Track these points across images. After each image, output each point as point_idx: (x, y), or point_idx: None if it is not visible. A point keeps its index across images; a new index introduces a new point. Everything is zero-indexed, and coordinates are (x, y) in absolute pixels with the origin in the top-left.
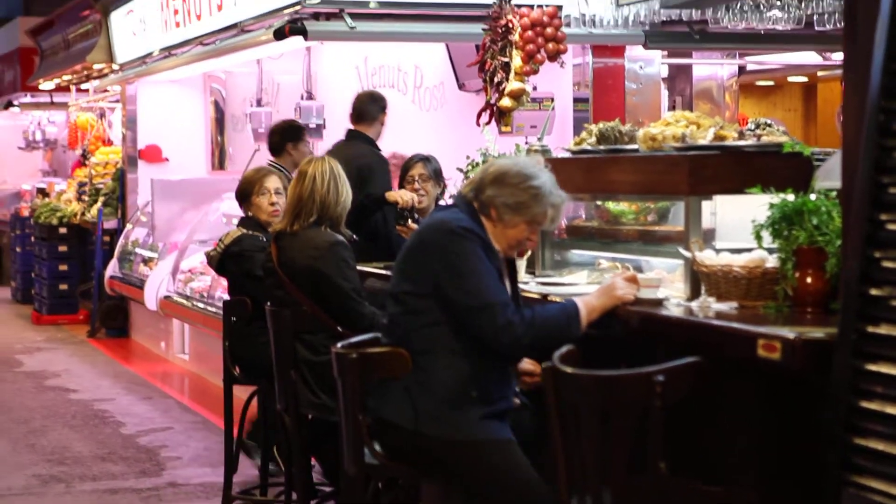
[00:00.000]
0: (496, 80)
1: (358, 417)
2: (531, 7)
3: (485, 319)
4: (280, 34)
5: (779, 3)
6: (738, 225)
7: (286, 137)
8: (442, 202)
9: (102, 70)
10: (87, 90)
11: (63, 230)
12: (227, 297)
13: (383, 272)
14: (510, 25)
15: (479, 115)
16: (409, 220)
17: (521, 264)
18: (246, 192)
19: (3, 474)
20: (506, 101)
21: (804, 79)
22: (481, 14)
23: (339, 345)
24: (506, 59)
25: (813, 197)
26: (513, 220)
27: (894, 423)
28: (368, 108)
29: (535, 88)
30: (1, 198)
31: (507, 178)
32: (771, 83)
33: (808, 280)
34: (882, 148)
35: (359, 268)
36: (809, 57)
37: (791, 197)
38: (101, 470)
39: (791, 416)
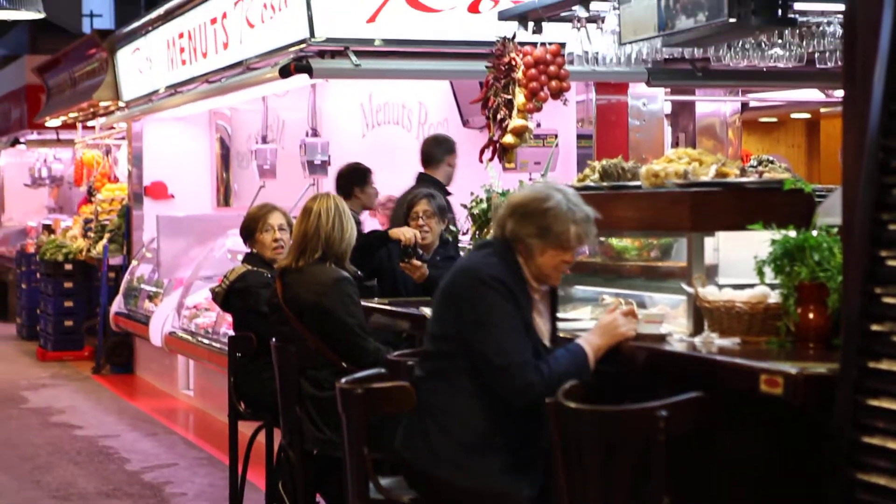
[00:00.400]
0: (499, 117)
1: (363, 453)
2: (534, 45)
3: (504, 379)
4: (285, 72)
5: (780, 41)
6: (741, 261)
7: (353, 181)
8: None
9: (108, 107)
10: (93, 127)
11: (68, 267)
12: (231, 332)
13: (388, 308)
14: (513, 63)
15: (482, 152)
16: (414, 258)
17: None
18: (250, 229)
19: None
20: (509, 138)
21: (807, 115)
22: (485, 52)
23: (343, 380)
24: (509, 97)
25: (815, 233)
26: (540, 248)
27: None
28: (433, 151)
29: (538, 125)
30: (7, 234)
31: (522, 207)
32: (774, 120)
33: (810, 316)
34: (882, 185)
35: (364, 304)
36: (812, 94)
37: (793, 233)
38: None
39: (793, 450)
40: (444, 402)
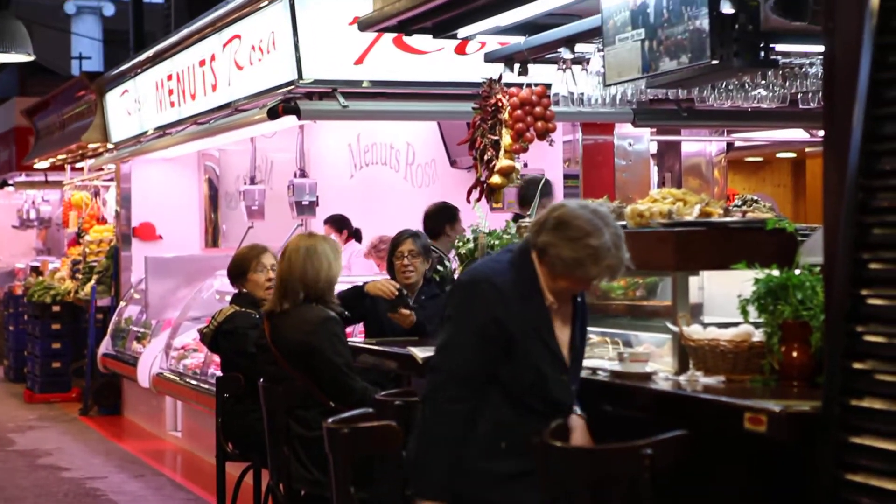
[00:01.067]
0: (486, 157)
1: (349, 492)
2: (520, 86)
3: (430, 375)
4: (274, 113)
5: (763, 82)
6: (725, 299)
7: (443, 219)
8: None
9: (97, 149)
10: (81, 169)
11: (56, 308)
12: (219, 373)
13: (375, 348)
14: (500, 104)
15: (469, 192)
16: (402, 307)
17: None
18: (241, 269)
19: None
20: (496, 179)
21: (793, 154)
22: (471, 93)
23: (329, 420)
24: (496, 138)
25: (797, 272)
26: (564, 273)
27: (879, 495)
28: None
29: (525, 165)
30: None
31: (568, 229)
32: (760, 159)
33: (794, 354)
34: (861, 225)
35: (351, 344)
36: (797, 133)
37: (776, 272)
38: None
39: (778, 487)
40: None
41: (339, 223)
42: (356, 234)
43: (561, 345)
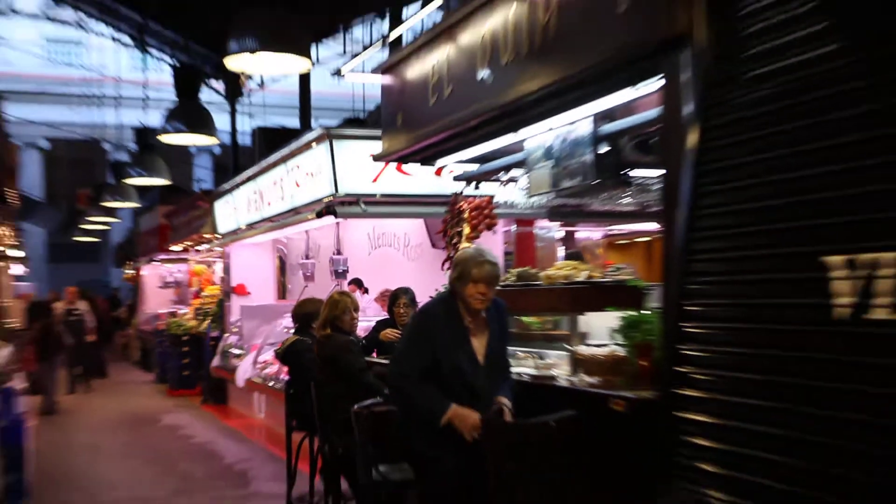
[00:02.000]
0: (454, 241)
1: (368, 451)
2: (475, 197)
3: (389, 367)
4: (319, 214)
5: (627, 194)
6: (601, 330)
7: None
8: None
9: (209, 238)
10: (199, 250)
11: (185, 338)
12: (286, 378)
13: (383, 361)
14: (462, 208)
15: (443, 264)
16: None
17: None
18: (307, 317)
19: (151, 488)
20: None
21: (646, 238)
22: (444, 201)
23: (355, 406)
24: (459, 229)
25: (646, 312)
26: (462, 285)
27: (694, 448)
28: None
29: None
30: (147, 318)
31: (454, 264)
32: (626, 241)
33: (643, 363)
34: (683, 283)
35: (370, 360)
36: (648, 226)
37: (633, 312)
38: (211, 485)
39: (632, 444)
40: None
41: (358, 283)
42: (366, 290)
43: (476, 350)
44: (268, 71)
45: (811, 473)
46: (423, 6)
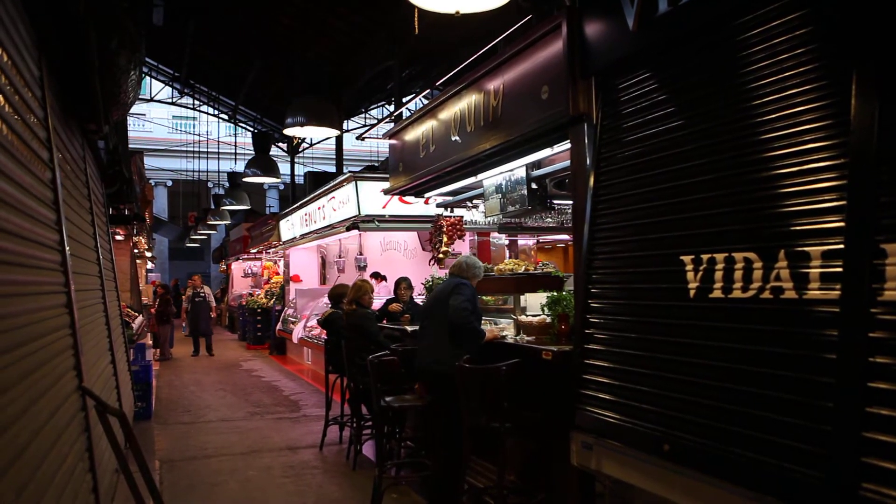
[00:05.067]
0: (437, 246)
1: (378, 386)
2: (451, 217)
3: (464, 314)
4: (348, 229)
5: (550, 215)
6: (535, 305)
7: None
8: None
9: (276, 244)
10: (269, 252)
11: (259, 310)
12: (325, 337)
13: (390, 327)
14: (442, 224)
15: (430, 261)
16: (405, 315)
17: None
18: (340, 296)
19: (234, 412)
20: (440, 256)
21: (564, 245)
22: (430, 220)
23: (370, 356)
24: (440, 238)
25: (564, 293)
26: (475, 278)
27: (596, 386)
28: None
29: (453, 250)
30: (233, 297)
31: (470, 265)
32: (551, 247)
33: (563, 327)
34: (588, 274)
35: (381, 326)
36: (565, 236)
37: (555, 293)
38: (275, 409)
39: (556, 384)
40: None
41: (377, 274)
42: (384, 278)
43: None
44: (313, 136)
45: (671, 399)
46: (415, 96)
